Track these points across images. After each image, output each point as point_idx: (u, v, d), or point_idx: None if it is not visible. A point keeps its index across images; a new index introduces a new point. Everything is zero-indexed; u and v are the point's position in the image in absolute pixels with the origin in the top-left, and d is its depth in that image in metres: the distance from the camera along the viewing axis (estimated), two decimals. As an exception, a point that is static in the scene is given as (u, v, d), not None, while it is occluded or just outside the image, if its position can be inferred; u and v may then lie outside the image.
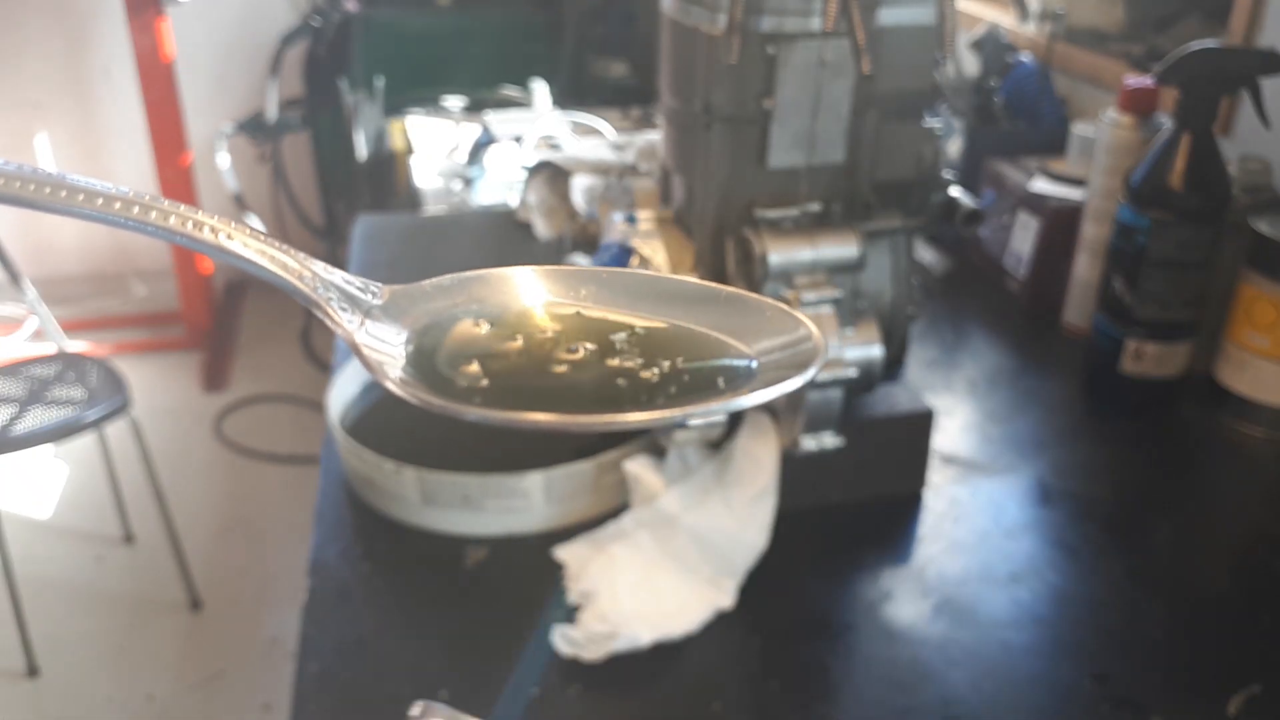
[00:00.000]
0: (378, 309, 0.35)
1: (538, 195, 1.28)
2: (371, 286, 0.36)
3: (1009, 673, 0.67)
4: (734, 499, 0.76)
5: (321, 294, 0.34)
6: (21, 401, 1.84)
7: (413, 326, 0.35)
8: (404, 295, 0.36)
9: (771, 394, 0.32)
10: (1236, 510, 0.88)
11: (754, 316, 0.36)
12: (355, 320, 0.34)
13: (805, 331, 0.34)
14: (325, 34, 2.70)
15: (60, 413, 1.80)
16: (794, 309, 0.36)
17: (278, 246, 0.34)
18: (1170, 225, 0.89)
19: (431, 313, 0.36)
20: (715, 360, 0.34)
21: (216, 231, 0.32)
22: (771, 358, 0.34)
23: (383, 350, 0.34)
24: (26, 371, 1.93)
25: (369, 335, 0.34)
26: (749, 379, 0.33)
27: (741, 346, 0.35)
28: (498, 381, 0.33)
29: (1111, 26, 1.41)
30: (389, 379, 0.32)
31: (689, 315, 0.36)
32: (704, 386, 0.33)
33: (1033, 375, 1.05)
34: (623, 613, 0.69)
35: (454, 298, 0.37)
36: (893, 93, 0.77)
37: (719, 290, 0.37)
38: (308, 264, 0.34)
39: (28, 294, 1.99)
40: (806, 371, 0.32)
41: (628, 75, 2.41)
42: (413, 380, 0.33)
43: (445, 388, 0.33)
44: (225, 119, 2.96)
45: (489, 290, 0.37)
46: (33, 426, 1.76)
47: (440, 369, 0.34)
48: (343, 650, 0.68)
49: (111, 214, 0.31)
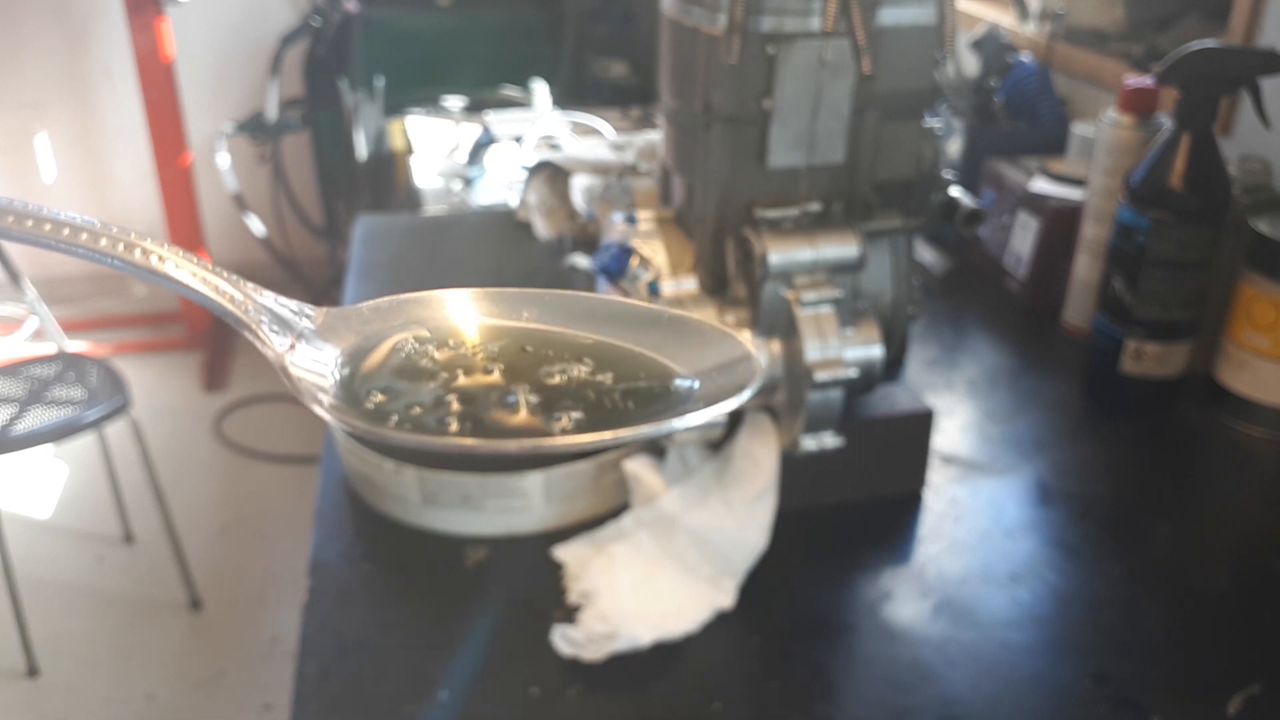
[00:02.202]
0: (310, 332, 0.35)
1: (538, 195, 1.28)
2: (306, 309, 0.35)
3: (1009, 673, 0.67)
4: (734, 499, 0.76)
5: (252, 316, 0.33)
6: (21, 401, 1.84)
7: (345, 349, 0.35)
8: (339, 318, 0.36)
9: (709, 414, 0.32)
10: (1236, 510, 0.88)
11: (694, 338, 0.36)
12: (285, 343, 0.34)
13: (744, 352, 0.35)
14: (325, 34, 2.70)
15: (60, 413, 1.80)
16: (736, 331, 0.36)
17: (210, 269, 0.33)
18: (1170, 225, 0.89)
19: (367, 335, 0.36)
20: (655, 381, 0.35)
21: (149, 254, 0.32)
22: (711, 379, 0.34)
23: (314, 371, 0.34)
24: (26, 371, 1.93)
25: (300, 358, 0.34)
26: (688, 399, 0.34)
27: (680, 368, 0.35)
28: (430, 403, 0.33)
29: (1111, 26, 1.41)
30: (316, 402, 0.32)
31: (630, 337, 0.36)
32: (643, 406, 0.33)
33: (1033, 375, 1.05)
34: (623, 613, 0.69)
35: (391, 320, 0.36)
36: (893, 93, 0.77)
37: (661, 312, 0.37)
38: (240, 286, 0.34)
39: (28, 294, 1.99)
40: (744, 392, 0.33)
41: (628, 75, 2.41)
42: (340, 404, 0.33)
43: (374, 411, 0.33)
44: (225, 119, 2.96)
45: (427, 312, 0.37)
46: (33, 426, 1.76)
47: (371, 391, 0.33)
48: (343, 650, 0.68)
49: (42, 236, 0.31)
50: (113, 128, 3.15)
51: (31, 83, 3.06)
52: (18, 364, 1.95)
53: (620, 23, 2.50)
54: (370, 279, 1.20)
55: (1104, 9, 1.42)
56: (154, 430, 2.24)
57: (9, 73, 3.04)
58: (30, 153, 3.13)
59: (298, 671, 0.66)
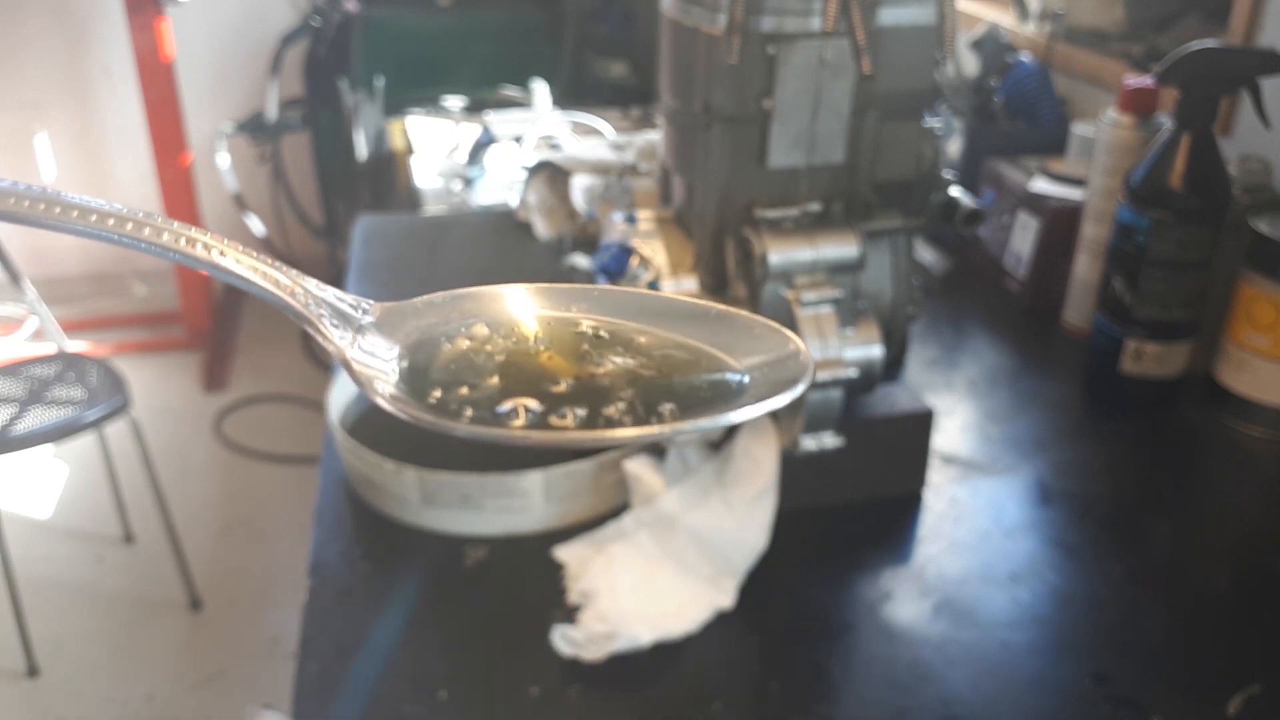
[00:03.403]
0: (369, 325, 0.35)
1: (538, 195, 1.28)
2: (364, 304, 0.36)
3: (1009, 673, 0.67)
4: (734, 499, 0.76)
5: (313, 310, 0.34)
6: (21, 401, 1.84)
7: (404, 343, 0.35)
8: (396, 312, 0.36)
9: (762, 409, 0.33)
10: (1236, 510, 0.88)
11: (743, 333, 0.36)
12: (347, 337, 0.34)
13: (794, 348, 0.35)
14: (325, 34, 2.70)
15: (60, 413, 1.80)
16: (783, 327, 0.36)
17: (270, 263, 0.34)
18: (1170, 225, 0.89)
19: (423, 329, 0.36)
20: (706, 375, 0.35)
21: (210, 248, 0.32)
22: (761, 373, 0.35)
23: (374, 366, 0.34)
24: (26, 371, 1.93)
25: (360, 352, 0.34)
26: (740, 394, 0.34)
27: (732, 362, 0.35)
28: (489, 397, 0.33)
29: (1111, 26, 1.41)
30: (379, 395, 0.33)
31: (680, 331, 0.36)
32: (695, 401, 0.33)
33: (1033, 375, 1.05)
34: (623, 613, 0.69)
35: (445, 314, 0.37)
36: (893, 93, 0.77)
37: (709, 308, 0.37)
38: (300, 281, 0.34)
39: (28, 294, 1.99)
40: (796, 387, 0.33)
41: (628, 75, 2.41)
42: (404, 396, 0.33)
43: (437, 403, 0.33)
44: (225, 119, 2.96)
45: (481, 307, 0.37)
46: (33, 426, 1.76)
47: (432, 385, 0.34)
48: (343, 650, 0.68)
49: (105, 230, 0.31)
50: (113, 128, 3.15)
51: (31, 83, 3.06)
52: (18, 364, 1.95)
53: (620, 23, 2.50)
54: (370, 279, 1.20)
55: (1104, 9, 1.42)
56: (154, 430, 2.24)
57: (9, 73, 3.04)
58: (30, 153, 3.13)
59: (298, 671, 0.66)
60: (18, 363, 1.95)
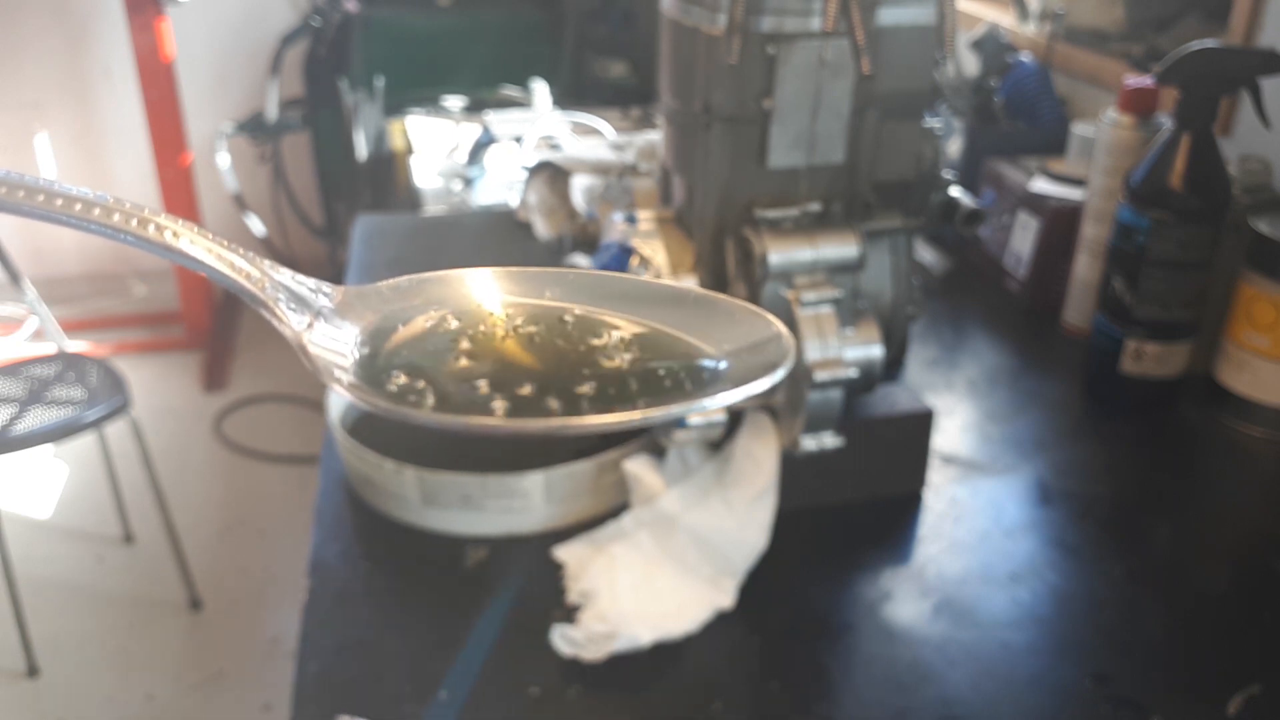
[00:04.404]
0: (329, 310, 0.34)
1: (538, 195, 1.28)
2: (324, 288, 0.35)
3: (1009, 673, 0.67)
4: (734, 499, 0.76)
5: (270, 293, 0.33)
6: (21, 401, 1.84)
7: (365, 329, 0.34)
8: (358, 296, 0.35)
9: (739, 395, 0.31)
10: (1236, 510, 0.88)
11: (723, 317, 0.35)
12: (303, 321, 0.33)
13: (775, 331, 0.34)
14: (325, 34, 2.70)
15: (60, 413, 1.80)
16: (764, 311, 0.35)
17: (226, 245, 0.33)
18: (1170, 225, 0.89)
19: (387, 314, 0.35)
20: (682, 361, 0.33)
21: (163, 229, 0.31)
22: (740, 358, 0.33)
23: (332, 351, 0.33)
24: (26, 371, 1.93)
25: (319, 336, 0.33)
26: (717, 380, 0.33)
27: (709, 348, 0.34)
28: (454, 384, 0.32)
29: (1111, 26, 1.41)
30: (336, 381, 0.32)
31: (657, 317, 0.35)
32: (669, 387, 0.32)
33: (1033, 375, 1.05)
34: (623, 613, 0.69)
35: (410, 299, 0.36)
36: (893, 93, 0.77)
37: (687, 291, 0.36)
38: (257, 263, 0.33)
39: (28, 294, 1.99)
40: (775, 372, 0.32)
41: (628, 75, 2.41)
42: (360, 383, 0.32)
43: (398, 390, 0.32)
44: (225, 119, 2.96)
45: (447, 291, 0.36)
46: (33, 426, 1.76)
47: (394, 370, 0.33)
48: (343, 650, 0.68)
49: (54, 211, 0.30)
50: (113, 128, 3.15)
51: (31, 83, 3.06)
52: (18, 364, 1.95)
53: (620, 23, 2.50)
54: (370, 279, 1.20)
55: (1104, 9, 1.42)
56: (154, 430, 2.24)
57: (9, 73, 3.04)
58: (30, 153, 3.13)
59: (298, 671, 0.66)
60: (18, 363, 1.95)
